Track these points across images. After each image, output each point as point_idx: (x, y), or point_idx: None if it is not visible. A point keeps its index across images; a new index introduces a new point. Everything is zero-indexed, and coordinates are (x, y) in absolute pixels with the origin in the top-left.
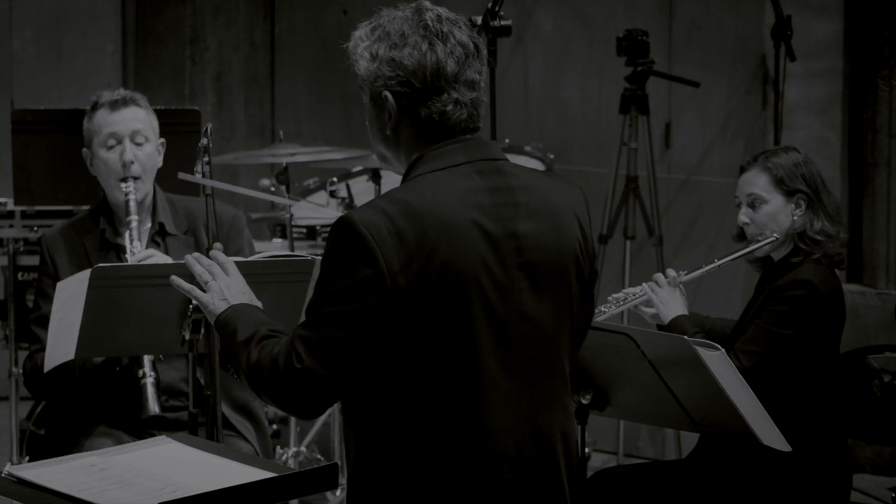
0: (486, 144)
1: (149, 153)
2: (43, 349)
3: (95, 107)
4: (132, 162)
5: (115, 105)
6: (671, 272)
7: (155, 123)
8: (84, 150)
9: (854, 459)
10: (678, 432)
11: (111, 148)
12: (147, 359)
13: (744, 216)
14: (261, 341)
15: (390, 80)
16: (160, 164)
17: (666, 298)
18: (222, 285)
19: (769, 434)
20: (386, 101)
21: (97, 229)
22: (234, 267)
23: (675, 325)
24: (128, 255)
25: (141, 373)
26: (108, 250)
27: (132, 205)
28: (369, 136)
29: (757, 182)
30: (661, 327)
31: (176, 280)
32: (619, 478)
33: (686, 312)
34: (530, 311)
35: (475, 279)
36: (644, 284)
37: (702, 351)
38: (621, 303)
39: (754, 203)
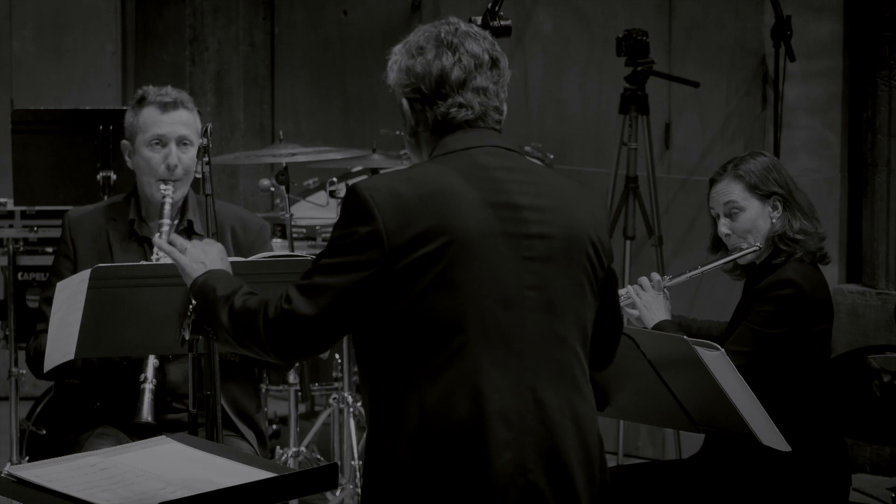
0: (498, 135)
1: (192, 157)
2: None
3: (142, 102)
4: (176, 166)
5: (165, 107)
6: (655, 276)
7: (199, 125)
8: (124, 141)
9: (854, 459)
10: (678, 432)
11: (155, 148)
12: (151, 364)
13: (724, 227)
14: (245, 294)
15: (406, 87)
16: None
17: (649, 302)
18: (199, 250)
19: (769, 434)
20: (403, 108)
21: (125, 219)
22: (213, 241)
23: (658, 330)
24: (153, 258)
25: (143, 377)
26: (131, 239)
27: (167, 208)
28: None
29: (732, 191)
30: None
31: (157, 240)
32: (619, 478)
33: (668, 317)
34: (537, 281)
35: (474, 244)
36: (629, 287)
37: (702, 351)
38: None
39: (732, 212)
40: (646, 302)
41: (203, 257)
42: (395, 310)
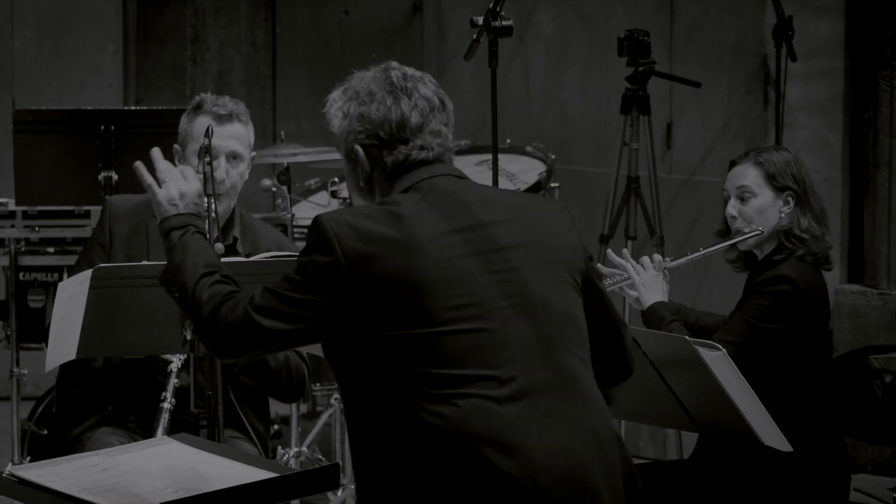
0: (451, 166)
1: (241, 172)
2: None
3: (198, 110)
4: (223, 180)
5: (220, 119)
6: (657, 257)
7: (251, 138)
8: (176, 146)
9: (855, 460)
10: (679, 432)
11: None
12: (172, 383)
13: (732, 209)
14: (215, 283)
15: (360, 134)
16: (247, 177)
17: (648, 281)
18: (176, 190)
19: (770, 434)
20: (357, 155)
21: None
22: (194, 176)
23: (653, 311)
24: None
25: (163, 395)
26: None
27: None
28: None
29: (748, 175)
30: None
31: (140, 166)
32: None
33: (665, 299)
34: (515, 290)
35: (442, 272)
36: (630, 263)
37: (703, 351)
38: (608, 282)
39: (743, 196)
40: (644, 280)
41: (178, 199)
42: (358, 334)
